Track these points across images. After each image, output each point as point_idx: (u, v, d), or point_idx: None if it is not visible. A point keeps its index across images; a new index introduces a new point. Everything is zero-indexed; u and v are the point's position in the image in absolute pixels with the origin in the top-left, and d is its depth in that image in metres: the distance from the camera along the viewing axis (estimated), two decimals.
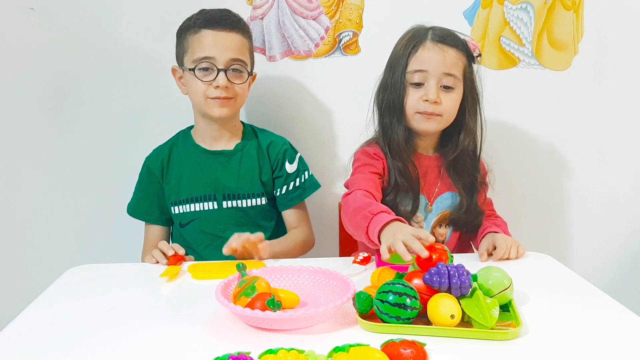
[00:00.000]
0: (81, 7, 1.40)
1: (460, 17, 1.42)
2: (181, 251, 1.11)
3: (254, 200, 1.25)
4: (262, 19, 1.42)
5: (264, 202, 1.27)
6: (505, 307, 0.82)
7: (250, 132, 1.31)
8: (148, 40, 1.41)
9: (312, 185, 1.31)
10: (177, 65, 1.24)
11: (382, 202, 1.13)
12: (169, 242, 1.30)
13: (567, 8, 1.43)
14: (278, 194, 1.29)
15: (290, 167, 1.28)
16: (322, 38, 1.43)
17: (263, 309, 0.76)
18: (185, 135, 1.30)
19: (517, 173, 1.52)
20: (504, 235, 1.14)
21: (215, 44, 1.17)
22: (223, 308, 0.78)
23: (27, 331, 0.80)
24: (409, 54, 1.13)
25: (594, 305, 0.87)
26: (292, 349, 0.67)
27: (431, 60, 1.11)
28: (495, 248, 1.09)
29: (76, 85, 1.44)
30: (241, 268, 0.90)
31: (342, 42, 1.44)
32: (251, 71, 1.24)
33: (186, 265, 1.07)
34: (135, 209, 1.30)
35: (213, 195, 1.25)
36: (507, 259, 1.07)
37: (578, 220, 1.55)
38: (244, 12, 1.38)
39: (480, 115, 1.20)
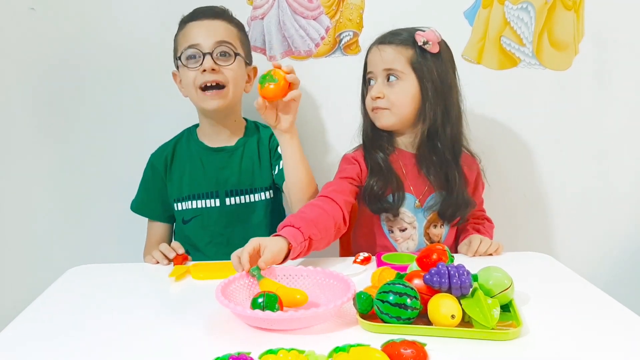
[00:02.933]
0: (82, 7, 1.40)
1: (460, 17, 1.42)
2: (180, 250, 1.11)
3: (256, 195, 1.25)
4: (262, 19, 1.42)
5: (267, 197, 1.26)
6: (505, 307, 0.82)
7: (253, 128, 1.30)
8: (149, 40, 1.41)
9: None
10: (175, 69, 1.25)
11: (365, 196, 1.19)
12: (171, 239, 1.32)
13: (568, 8, 1.43)
14: (275, 171, 1.25)
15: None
16: (322, 38, 1.43)
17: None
18: (190, 133, 1.31)
19: (517, 173, 1.51)
20: (479, 235, 1.18)
21: (199, 32, 1.17)
22: (223, 308, 0.78)
23: (27, 331, 0.81)
24: (365, 63, 1.24)
25: (594, 305, 0.87)
26: (292, 349, 0.67)
27: (373, 61, 1.21)
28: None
29: (76, 85, 1.44)
30: (255, 270, 0.89)
31: (343, 42, 1.44)
32: (246, 59, 1.23)
33: (187, 264, 1.08)
34: (139, 206, 1.31)
35: (215, 192, 1.25)
36: (479, 254, 1.12)
37: (578, 220, 1.55)
38: (244, 12, 1.39)
39: (444, 102, 1.18)
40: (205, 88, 1.18)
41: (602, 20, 1.43)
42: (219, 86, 1.18)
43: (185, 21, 1.21)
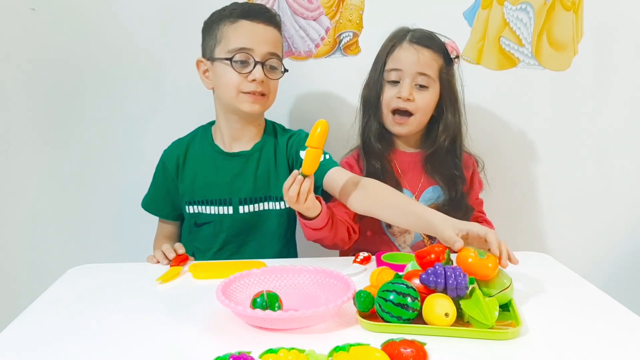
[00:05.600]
0: (82, 7, 1.40)
1: (460, 17, 1.43)
2: (181, 250, 1.11)
3: (271, 203, 1.21)
4: None
5: (282, 207, 1.22)
6: (505, 307, 0.82)
7: (270, 130, 1.26)
8: (149, 40, 1.41)
9: (332, 163, 1.17)
10: (202, 58, 1.19)
11: None
12: (179, 238, 1.30)
13: (567, 8, 1.43)
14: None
15: (304, 154, 1.20)
16: (322, 38, 1.44)
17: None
18: (204, 132, 1.25)
19: (517, 173, 1.52)
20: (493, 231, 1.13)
21: (253, 36, 1.12)
22: (223, 308, 0.78)
23: (27, 331, 0.81)
24: (387, 54, 1.20)
25: (594, 305, 0.87)
26: (292, 349, 0.67)
27: (406, 59, 1.17)
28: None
29: (76, 85, 1.44)
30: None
31: (343, 43, 1.44)
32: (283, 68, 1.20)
33: (187, 265, 1.08)
34: (148, 203, 1.28)
35: (229, 200, 1.21)
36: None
37: (578, 219, 1.55)
38: None
39: (459, 113, 1.23)
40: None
41: (601, 20, 1.44)
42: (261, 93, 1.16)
43: (237, 16, 1.13)
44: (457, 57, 1.20)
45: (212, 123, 1.27)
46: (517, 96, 1.47)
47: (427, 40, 1.18)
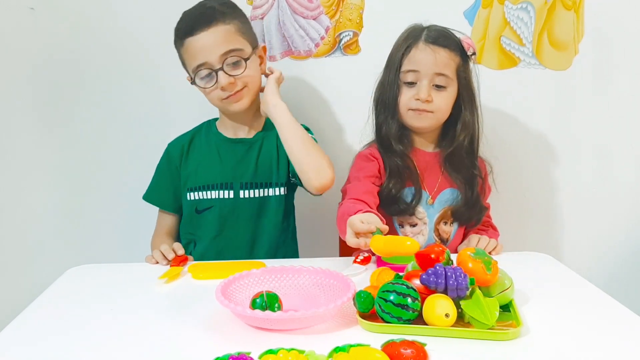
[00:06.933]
0: (81, 6, 1.40)
1: (460, 17, 1.42)
2: (180, 251, 1.11)
3: (270, 190, 1.24)
4: (262, 18, 1.42)
5: (281, 193, 1.25)
6: (505, 307, 0.82)
7: (271, 123, 1.26)
8: (148, 39, 1.41)
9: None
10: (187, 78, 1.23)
11: (382, 198, 1.17)
12: (178, 230, 1.32)
13: (568, 8, 1.43)
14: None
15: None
16: (322, 38, 1.43)
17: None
18: (209, 125, 1.30)
19: (517, 173, 1.51)
20: (477, 235, 1.19)
21: (201, 49, 1.14)
22: (223, 308, 0.78)
23: (27, 331, 0.81)
24: (402, 55, 1.18)
25: (594, 305, 0.87)
26: (292, 349, 0.67)
27: (423, 61, 1.15)
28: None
29: (76, 84, 1.44)
30: (378, 231, 0.92)
31: (343, 42, 1.44)
32: (253, 47, 1.19)
33: (186, 265, 1.08)
34: (150, 194, 1.30)
35: (230, 184, 1.24)
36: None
37: (578, 220, 1.55)
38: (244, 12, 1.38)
39: (477, 112, 1.22)
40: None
41: (602, 20, 1.43)
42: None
43: (181, 36, 1.17)
44: (474, 53, 1.19)
45: (217, 119, 1.31)
46: (517, 96, 1.47)
47: (444, 39, 1.16)
